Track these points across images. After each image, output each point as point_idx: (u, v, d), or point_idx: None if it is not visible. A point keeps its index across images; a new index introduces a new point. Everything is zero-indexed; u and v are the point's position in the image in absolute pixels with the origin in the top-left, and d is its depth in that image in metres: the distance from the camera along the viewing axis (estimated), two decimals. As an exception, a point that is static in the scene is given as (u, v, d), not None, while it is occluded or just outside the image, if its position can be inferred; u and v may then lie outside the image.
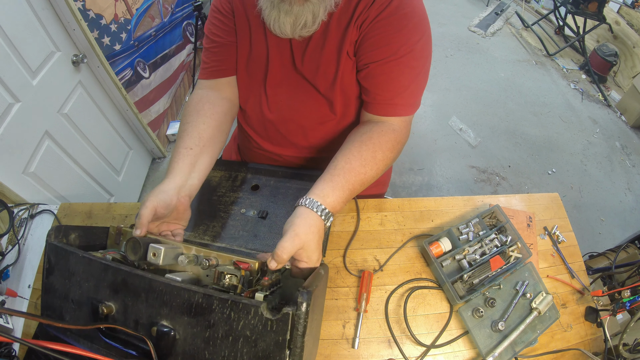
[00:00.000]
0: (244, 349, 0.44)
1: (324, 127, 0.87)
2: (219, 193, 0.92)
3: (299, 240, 0.56)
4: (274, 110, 0.86)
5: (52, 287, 0.53)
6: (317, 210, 0.60)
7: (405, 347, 0.75)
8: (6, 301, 0.81)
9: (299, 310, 0.43)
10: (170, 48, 2.39)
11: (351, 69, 0.75)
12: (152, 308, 0.47)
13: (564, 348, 0.76)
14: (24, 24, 1.28)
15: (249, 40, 0.79)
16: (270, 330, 0.43)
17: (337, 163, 0.69)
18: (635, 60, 3.11)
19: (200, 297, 0.45)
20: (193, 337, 0.46)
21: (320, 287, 0.54)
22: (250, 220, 0.87)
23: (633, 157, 2.67)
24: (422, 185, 2.35)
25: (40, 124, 1.40)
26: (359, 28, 0.69)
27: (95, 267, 0.50)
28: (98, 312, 0.48)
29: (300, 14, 0.66)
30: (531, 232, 0.89)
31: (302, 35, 0.71)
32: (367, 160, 0.69)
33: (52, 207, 0.99)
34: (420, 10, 0.70)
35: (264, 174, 0.95)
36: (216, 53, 0.82)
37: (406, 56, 0.70)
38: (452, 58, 3.39)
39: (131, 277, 0.48)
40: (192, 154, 0.71)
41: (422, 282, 0.82)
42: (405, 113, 0.77)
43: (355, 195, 0.71)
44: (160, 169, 2.35)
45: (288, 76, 0.80)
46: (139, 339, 0.47)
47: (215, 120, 0.78)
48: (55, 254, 0.53)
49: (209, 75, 0.84)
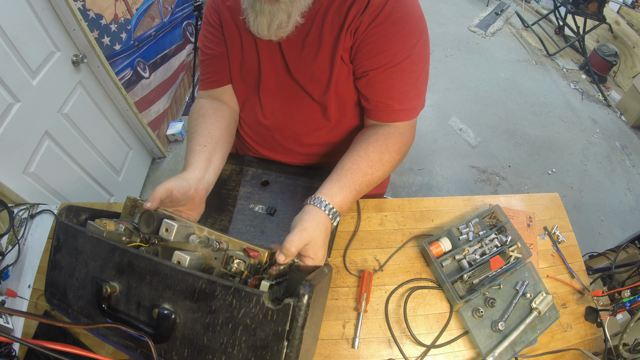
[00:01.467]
0: (243, 337, 0.44)
1: (318, 134, 0.87)
2: (228, 187, 0.92)
3: (307, 235, 0.57)
4: (269, 116, 0.86)
5: (58, 264, 0.54)
6: (324, 209, 0.62)
7: (405, 347, 0.75)
8: (6, 301, 0.81)
9: (300, 302, 0.44)
10: (170, 48, 2.39)
11: (347, 75, 0.74)
12: (155, 291, 0.47)
13: (564, 348, 0.76)
14: (24, 24, 1.28)
15: (240, 48, 0.79)
16: (271, 320, 0.44)
17: (344, 164, 0.70)
18: (635, 60, 3.11)
19: (204, 282, 0.46)
20: (193, 322, 0.46)
21: (323, 285, 0.55)
22: (259, 216, 0.87)
23: (633, 157, 2.67)
24: (422, 185, 2.35)
25: (40, 124, 1.40)
26: (353, 34, 0.69)
27: (102, 247, 0.51)
28: (102, 292, 0.48)
29: (275, 13, 0.65)
30: (531, 232, 0.89)
31: (278, 36, 0.70)
32: (374, 162, 0.70)
33: (52, 207, 0.99)
34: (415, 12, 0.69)
35: (275, 170, 0.96)
36: (209, 65, 0.84)
37: (405, 61, 0.69)
38: (452, 58, 3.39)
39: (137, 258, 0.49)
40: (207, 150, 0.72)
41: (422, 282, 0.82)
42: (409, 117, 0.77)
43: (362, 195, 0.72)
44: (160, 169, 2.35)
45: (281, 83, 0.80)
46: (141, 321, 0.48)
47: (221, 121, 0.80)
48: (65, 232, 0.54)
49: (206, 86, 0.86)
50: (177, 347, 0.46)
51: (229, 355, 0.45)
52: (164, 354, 0.47)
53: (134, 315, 0.48)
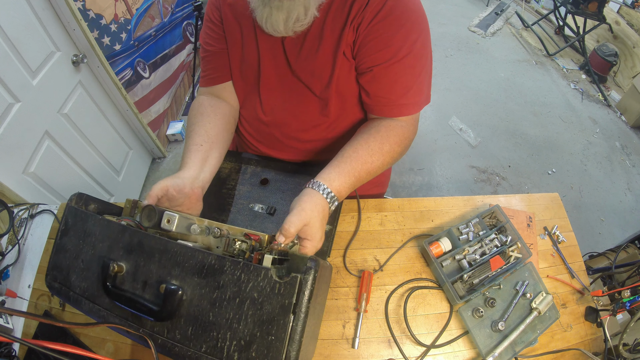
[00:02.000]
0: (249, 311, 0.45)
1: (318, 130, 0.87)
2: (228, 186, 0.92)
3: (305, 215, 0.58)
4: (268, 113, 0.86)
5: (64, 247, 0.54)
6: (322, 192, 0.64)
7: (405, 347, 0.75)
8: (6, 301, 0.81)
9: (307, 275, 0.46)
10: (170, 48, 2.39)
11: (348, 70, 0.75)
12: (163, 268, 0.48)
13: (564, 348, 0.76)
14: (24, 24, 1.28)
15: (241, 45, 0.79)
16: (278, 293, 0.45)
17: (344, 152, 0.71)
18: (635, 60, 3.11)
19: (214, 259, 0.47)
20: (200, 298, 0.47)
21: (324, 279, 0.55)
22: (259, 216, 0.87)
23: (633, 157, 2.67)
24: (422, 185, 2.35)
25: (40, 124, 1.40)
26: (356, 30, 0.69)
27: (112, 228, 0.52)
28: (107, 270, 0.49)
29: (292, 8, 0.65)
30: (531, 232, 0.89)
31: (295, 31, 0.70)
32: (374, 151, 0.71)
33: (52, 207, 0.99)
34: (416, 8, 0.70)
35: (274, 167, 0.95)
36: (210, 61, 0.84)
37: (407, 57, 0.70)
38: (452, 58, 3.39)
39: (148, 238, 0.50)
40: (203, 150, 0.73)
41: (422, 282, 0.82)
42: (411, 112, 0.77)
43: (362, 183, 0.73)
44: (160, 169, 2.35)
45: (282, 79, 0.80)
46: (146, 299, 0.48)
47: (219, 120, 0.81)
48: (74, 216, 0.55)
49: (206, 83, 0.87)
50: (180, 326, 0.47)
51: (234, 331, 0.45)
52: (167, 333, 0.47)
53: (139, 293, 0.49)
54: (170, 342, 0.47)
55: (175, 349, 0.47)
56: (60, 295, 0.54)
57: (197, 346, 0.46)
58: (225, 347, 0.45)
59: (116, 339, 0.76)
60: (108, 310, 0.50)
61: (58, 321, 0.45)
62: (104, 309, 0.50)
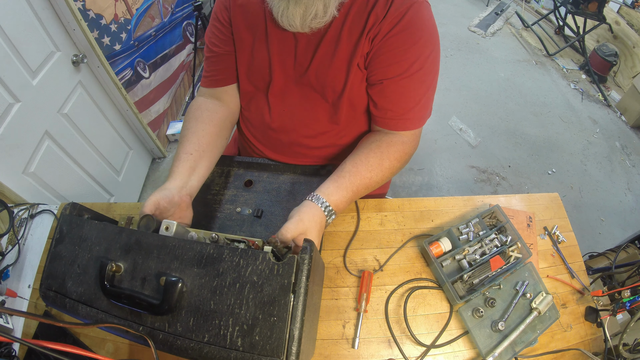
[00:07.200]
0: (250, 295, 0.46)
1: (326, 137, 0.87)
2: (213, 191, 0.92)
3: (302, 225, 0.61)
4: (276, 119, 0.86)
5: (58, 255, 0.55)
6: (321, 205, 0.66)
7: (405, 347, 0.75)
8: (6, 301, 0.81)
9: (304, 254, 0.47)
10: (170, 48, 2.39)
11: (360, 80, 0.75)
12: (162, 263, 0.49)
13: (564, 348, 0.76)
14: (24, 24, 1.27)
15: (250, 50, 0.78)
16: (277, 274, 0.46)
17: (344, 166, 0.73)
18: (635, 60, 3.11)
19: (212, 248, 0.48)
20: (200, 287, 0.48)
21: (317, 277, 0.56)
22: (247, 220, 0.86)
23: (633, 157, 2.67)
24: (422, 185, 2.35)
25: (40, 124, 1.40)
26: (371, 41, 0.69)
27: (109, 231, 0.53)
28: (105, 270, 0.49)
29: (310, 3, 0.64)
30: (531, 232, 0.89)
31: (312, 27, 0.68)
32: (373, 167, 0.73)
33: (52, 207, 0.99)
34: (431, 23, 0.70)
35: (256, 168, 0.95)
36: (214, 63, 0.83)
37: (419, 72, 0.71)
38: (452, 58, 3.39)
39: (146, 236, 0.51)
40: (192, 158, 0.73)
41: (422, 282, 0.82)
42: (415, 126, 0.78)
43: (360, 197, 0.75)
44: (160, 169, 2.35)
45: (292, 85, 0.80)
46: (145, 295, 0.49)
47: (213, 126, 0.80)
48: (69, 224, 0.55)
49: (208, 84, 0.86)
50: (182, 318, 0.47)
51: (236, 316, 0.46)
52: (168, 327, 0.47)
53: (138, 290, 0.49)
54: (172, 336, 0.47)
55: (177, 342, 0.47)
56: (55, 305, 0.53)
57: (199, 336, 0.46)
58: (228, 334, 0.46)
59: (116, 339, 0.76)
60: (106, 312, 0.50)
61: (58, 321, 0.45)
62: (102, 311, 0.50)
